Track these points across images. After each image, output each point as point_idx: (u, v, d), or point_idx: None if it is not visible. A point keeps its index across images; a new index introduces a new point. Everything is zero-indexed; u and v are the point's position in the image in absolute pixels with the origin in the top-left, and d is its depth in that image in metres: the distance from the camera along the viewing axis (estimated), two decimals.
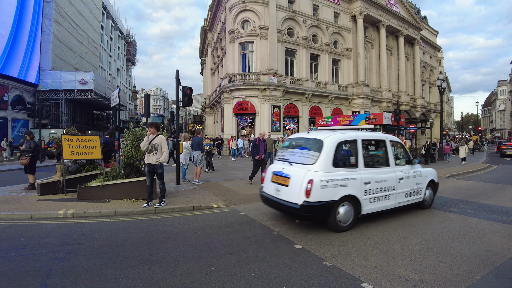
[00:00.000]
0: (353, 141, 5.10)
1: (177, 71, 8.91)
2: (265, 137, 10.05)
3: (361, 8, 28.84)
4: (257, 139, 9.38)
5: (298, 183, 4.55)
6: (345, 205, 4.69)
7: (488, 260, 3.63)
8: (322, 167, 4.59)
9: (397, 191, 5.38)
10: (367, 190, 4.89)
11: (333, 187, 4.53)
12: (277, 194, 4.95)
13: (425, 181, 6.07)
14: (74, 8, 31.56)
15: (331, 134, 5.02)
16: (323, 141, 4.81)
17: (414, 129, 30.91)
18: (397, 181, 5.38)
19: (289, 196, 4.67)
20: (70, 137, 7.22)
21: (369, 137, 5.72)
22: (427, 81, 43.72)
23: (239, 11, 24.71)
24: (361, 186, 4.82)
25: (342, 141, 4.99)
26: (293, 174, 4.76)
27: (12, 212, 5.52)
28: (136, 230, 4.82)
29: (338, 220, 4.65)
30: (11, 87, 24.69)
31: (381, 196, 5.11)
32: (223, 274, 3.22)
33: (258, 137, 9.46)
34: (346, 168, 4.96)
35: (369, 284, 3.01)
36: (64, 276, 3.12)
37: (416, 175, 5.84)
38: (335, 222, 4.62)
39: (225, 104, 25.02)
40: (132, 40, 63.35)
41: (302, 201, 4.42)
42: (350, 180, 4.72)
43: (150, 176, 6.12)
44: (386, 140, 5.56)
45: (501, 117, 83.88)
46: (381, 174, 5.20)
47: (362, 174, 4.89)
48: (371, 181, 4.97)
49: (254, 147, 9.36)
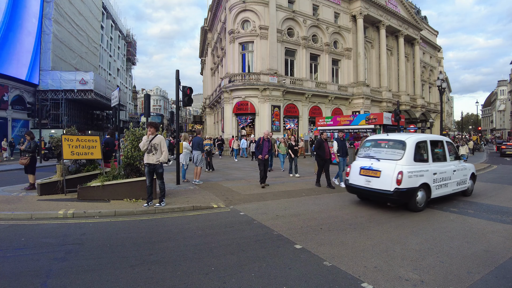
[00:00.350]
0: (424, 141, 6.42)
1: (177, 71, 8.91)
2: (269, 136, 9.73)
3: (361, 8, 28.84)
4: (261, 139, 9.13)
5: (390, 174, 5.85)
6: (422, 190, 6.02)
7: (488, 260, 3.63)
8: (407, 162, 5.92)
9: (452, 180, 6.81)
10: (434, 179, 6.29)
11: (415, 177, 5.89)
12: (368, 184, 6.21)
13: (468, 173, 7.54)
14: (74, 8, 31.56)
15: (410, 136, 6.42)
16: (406, 142, 6.12)
17: (414, 129, 30.89)
18: (452, 172, 6.82)
19: (381, 185, 5.95)
20: (70, 137, 7.23)
21: (433, 138, 6.89)
22: (427, 81, 43.72)
23: (239, 11, 24.71)
24: (431, 176, 6.22)
25: (418, 141, 6.26)
26: (383, 168, 6.03)
27: (12, 212, 5.52)
28: (136, 230, 4.82)
29: (417, 202, 5.95)
30: (11, 87, 24.68)
31: (442, 184, 6.53)
32: (223, 274, 3.22)
33: (262, 137, 9.22)
34: (421, 162, 6.21)
35: (369, 284, 3.01)
36: (64, 276, 3.12)
37: (463, 168, 7.28)
38: (415, 203, 5.94)
39: (225, 104, 25.02)
40: (132, 40, 63.34)
41: (394, 188, 5.73)
42: (425, 172, 6.09)
43: (150, 176, 6.12)
44: (444, 140, 7.03)
45: (501, 117, 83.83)
46: (442, 167, 6.60)
47: (431, 167, 6.30)
48: (437, 172, 6.37)
49: (257, 146, 9.09)
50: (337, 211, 6.15)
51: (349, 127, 15.62)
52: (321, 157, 8.97)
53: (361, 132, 15.23)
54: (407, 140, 6.15)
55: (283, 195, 7.73)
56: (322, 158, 8.95)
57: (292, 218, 5.50)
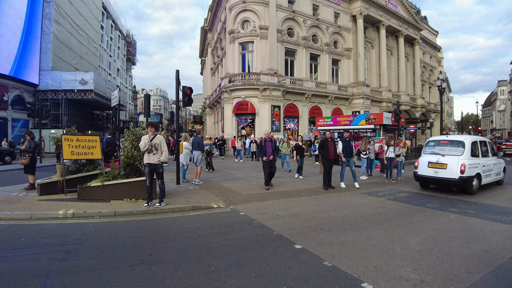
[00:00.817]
0: (476, 141, 8.52)
1: (177, 71, 8.91)
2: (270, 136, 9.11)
3: (361, 8, 28.85)
4: (262, 140, 8.69)
5: (454, 166, 7.83)
6: (476, 178, 8.03)
7: (488, 260, 3.63)
8: (466, 157, 7.96)
9: (493, 172, 8.95)
10: (483, 170, 8.33)
11: (472, 168, 7.92)
12: (436, 174, 8.21)
13: (502, 167, 9.68)
14: (74, 8, 31.54)
15: (466, 137, 8.61)
16: (464, 142, 8.21)
17: (414, 129, 30.93)
18: (493, 165, 8.98)
19: (448, 174, 7.93)
20: (70, 137, 7.23)
21: (481, 139, 8.98)
22: (427, 81, 43.73)
23: (239, 11, 24.71)
24: (482, 168, 8.26)
25: (473, 141, 8.36)
26: (448, 162, 8.00)
27: (12, 212, 5.52)
28: (136, 230, 4.82)
29: (473, 186, 7.92)
30: (11, 87, 24.67)
31: (487, 174, 8.62)
32: (223, 274, 3.21)
33: (263, 138, 8.76)
34: (475, 157, 8.23)
35: (369, 284, 3.01)
36: (64, 276, 3.12)
37: (499, 163, 9.48)
38: (471, 188, 7.90)
39: (225, 104, 25.02)
40: (132, 40, 63.32)
41: (458, 176, 7.73)
42: (478, 164, 8.15)
43: (150, 176, 6.12)
44: (487, 141, 9.32)
45: (501, 117, 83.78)
46: (487, 161, 8.69)
47: (481, 161, 8.35)
48: (485, 165, 8.45)
49: (260, 148, 8.69)
50: (337, 211, 6.15)
51: (349, 127, 15.59)
52: (325, 158, 8.73)
53: (361, 132, 15.23)
54: (465, 140, 8.24)
55: (283, 195, 7.73)
56: (326, 158, 8.71)
57: (292, 218, 5.50)
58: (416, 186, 9.33)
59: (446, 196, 7.80)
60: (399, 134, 15.48)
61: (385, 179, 10.78)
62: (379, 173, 12.49)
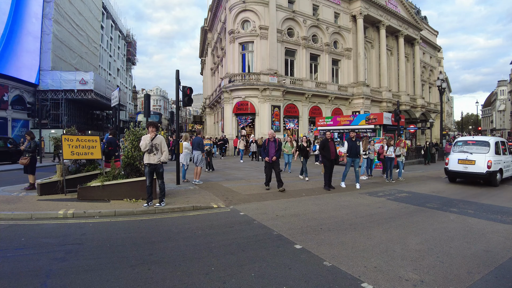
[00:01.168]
0: (498, 141, 10.03)
1: (177, 71, 8.90)
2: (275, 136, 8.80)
3: (361, 8, 28.84)
4: (266, 140, 8.52)
5: (482, 162, 9.29)
6: (499, 173, 9.55)
7: (488, 260, 3.63)
8: (492, 154, 9.44)
9: (510, 167, 10.56)
10: (504, 166, 9.93)
11: (497, 164, 9.43)
12: (465, 169, 9.67)
13: None
14: (74, 8, 31.54)
15: (490, 138, 10.44)
16: (489, 141, 9.82)
17: (414, 129, 30.95)
18: (510, 161, 10.57)
19: (476, 169, 9.39)
20: (70, 137, 7.22)
21: (501, 140, 10.52)
22: (427, 81, 43.72)
23: (239, 11, 24.70)
24: (503, 164, 9.87)
25: (496, 141, 9.91)
26: (476, 158, 9.47)
27: (12, 212, 5.52)
28: (136, 230, 4.82)
29: (497, 179, 9.45)
30: (11, 87, 24.67)
31: (507, 170, 10.22)
32: (223, 274, 3.21)
33: (267, 138, 8.58)
34: (497, 155, 9.68)
35: (369, 284, 3.01)
36: (64, 276, 3.12)
37: None
38: (496, 181, 9.43)
39: (225, 104, 25.01)
40: (132, 40, 63.30)
41: (485, 171, 9.20)
42: (500, 161, 9.69)
43: (150, 176, 6.12)
44: (505, 141, 10.84)
45: (501, 117, 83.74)
46: (507, 158, 10.32)
47: (502, 158, 9.92)
48: (506, 162, 10.10)
49: (264, 148, 8.51)
50: (337, 211, 6.15)
51: (349, 127, 15.60)
52: (327, 158, 8.68)
53: (361, 132, 15.23)
54: (490, 140, 9.88)
55: (283, 195, 7.73)
56: (328, 159, 8.67)
57: (292, 218, 5.50)
58: (416, 186, 9.33)
59: (446, 196, 7.81)
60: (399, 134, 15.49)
61: (385, 179, 10.79)
62: (379, 173, 12.49)
